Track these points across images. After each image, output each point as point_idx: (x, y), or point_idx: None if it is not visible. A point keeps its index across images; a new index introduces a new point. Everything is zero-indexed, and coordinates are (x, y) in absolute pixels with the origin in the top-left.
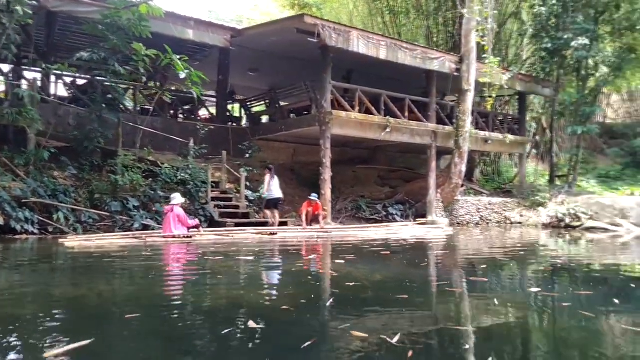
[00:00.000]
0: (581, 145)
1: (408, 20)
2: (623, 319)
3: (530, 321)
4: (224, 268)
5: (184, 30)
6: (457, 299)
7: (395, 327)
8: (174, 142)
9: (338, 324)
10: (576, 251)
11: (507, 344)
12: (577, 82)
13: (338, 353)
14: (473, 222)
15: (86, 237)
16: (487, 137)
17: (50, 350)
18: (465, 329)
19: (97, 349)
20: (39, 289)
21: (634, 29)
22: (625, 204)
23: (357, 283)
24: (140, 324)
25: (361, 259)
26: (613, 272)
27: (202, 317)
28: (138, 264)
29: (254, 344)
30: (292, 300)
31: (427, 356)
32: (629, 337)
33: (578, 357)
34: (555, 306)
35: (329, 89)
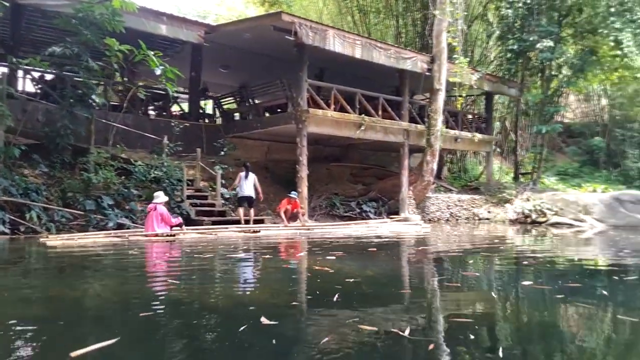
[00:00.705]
0: (545, 143)
1: (378, 19)
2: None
3: (527, 310)
4: (218, 266)
5: (157, 26)
6: (457, 293)
7: (403, 320)
8: (146, 140)
9: (346, 319)
10: (548, 246)
11: (514, 333)
12: (541, 82)
13: (354, 347)
14: (443, 218)
15: (68, 236)
16: (456, 136)
17: (75, 349)
18: (472, 321)
19: (122, 347)
20: (38, 290)
21: (595, 31)
22: (588, 200)
23: (356, 279)
24: (156, 322)
25: (350, 256)
26: (592, 265)
27: (213, 315)
28: (128, 262)
29: (273, 340)
30: (298, 297)
31: (440, 348)
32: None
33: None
34: (552, 297)
35: (305, 87)
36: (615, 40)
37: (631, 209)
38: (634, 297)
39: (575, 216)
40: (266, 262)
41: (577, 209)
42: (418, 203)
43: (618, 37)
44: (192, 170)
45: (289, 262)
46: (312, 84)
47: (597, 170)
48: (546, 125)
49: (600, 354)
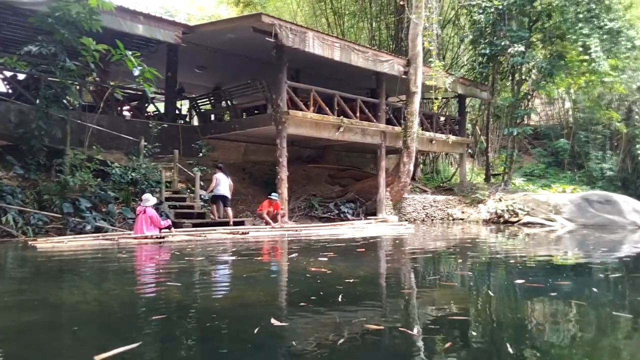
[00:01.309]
0: (515, 145)
1: (352, 22)
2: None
3: (520, 306)
4: (214, 268)
5: (134, 25)
6: (454, 291)
7: (408, 318)
8: (121, 141)
9: (352, 318)
10: (525, 245)
11: (510, 328)
12: (512, 86)
13: (366, 346)
14: (419, 218)
15: (58, 239)
16: (431, 138)
17: (99, 353)
18: (475, 318)
19: (146, 351)
20: (40, 295)
21: (563, 37)
22: (558, 201)
23: (355, 279)
24: (170, 325)
25: (341, 257)
26: (575, 262)
27: (223, 317)
28: (123, 265)
29: (289, 341)
30: (303, 298)
31: (447, 344)
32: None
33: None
34: (544, 293)
35: (284, 89)
36: (583, 46)
37: (599, 209)
38: (613, 290)
39: (546, 216)
40: (261, 263)
41: (548, 209)
42: (395, 204)
43: (586, 43)
44: (169, 171)
45: (283, 263)
46: (291, 85)
47: (562, 172)
48: (517, 127)
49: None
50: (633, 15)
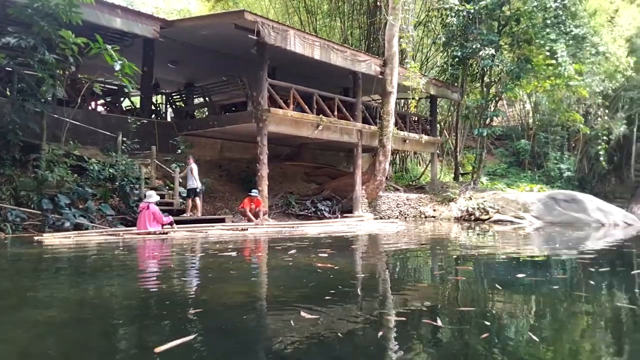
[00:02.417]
0: (484, 146)
1: (325, 20)
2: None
3: (516, 297)
4: (227, 264)
5: (112, 19)
6: (461, 285)
7: (427, 311)
8: (96, 136)
9: (372, 310)
10: (503, 241)
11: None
12: (482, 88)
13: (397, 338)
14: (393, 216)
15: (64, 234)
16: (405, 137)
17: (158, 345)
18: (490, 309)
19: (201, 343)
20: (71, 291)
21: (531, 41)
22: (526, 199)
23: (364, 274)
24: (210, 318)
25: (339, 252)
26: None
27: (254, 310)
28: (138, 261)
29: (327, 331)
30: (324, 292)
31: (465, 336)
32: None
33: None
34: (550, 287)
35: (265, 86)
36: (550, 51)
37: (565, 207)
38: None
39: (515, 214)
40: (268, 259)
41: (517, 207)
42: (370, 202)
43: (553, 48)
44: (145, 168)
45: (289, 259)
46: (271, 83)
47: (522, 171)
48: (487, 128)
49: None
50: (597, 22)
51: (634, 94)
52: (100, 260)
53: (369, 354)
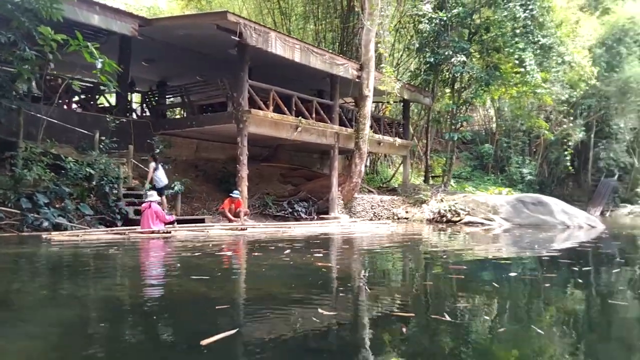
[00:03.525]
0: (454, 149)
1: (298, 23)
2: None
3: (510, 292)
4: (236, 263)
5: (90, 15)
6: (460, 282)
7: (430, 307)
8: (71, 135)
9: (383, 306)
10: (488, 242)
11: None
12: (452, 93)
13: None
14: (367, 217)
15: (71, 232)
16: (380, 140)
17: (204, 338)
18: (489, 303)
19: (243, 336)
20: (93, 289)
21: (499, 49)
22: (496, 202)
23: (371, 273)
24: (237, 314)
25: (333, 252)
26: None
27: (275, 308)
28: (151, 260)
29: (354, 326)
30: (334, 289)
31: (480, 329)
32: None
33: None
34: (542, 283)
35: (246, 87)
36: (519, 59)
37: (533, 210)
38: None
39: (485, 216)
40: (269, 258)
41: (487, 209)
42: (346, 203)
43: (521, 56)
44: (121, 167)
45: (289, 259)
46: (251, 84)
47: (486, 175)
48: (457, 132)
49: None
50: (563, 33)
51: (592, 101)
52: (114, 258)
53: (393, 345)
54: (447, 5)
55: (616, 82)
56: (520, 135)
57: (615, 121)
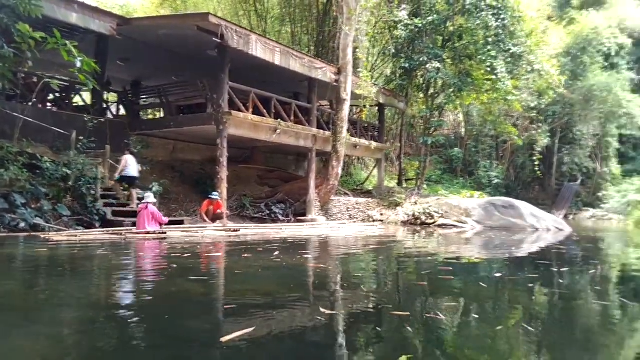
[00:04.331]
0: (428, 153)
1: (275, 25)
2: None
3: (491, 288)
4: (233, 264)
5: (68, 14)
6: (451, 283)
7: (426, 306)
8: (46, 134)
9: (380, 304)
10: (458, 244)
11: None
12: (426, 98)
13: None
14: (343, 219)
15: (69, 233)
16: (356, 143)
17: (224, 335)
18: (472, 301)
19: (260, 333)
20: (104, 288)
21: (472, 57)
22: (468, 205)
23: (365, 274)
24: (247, 313)
25: (320, 254)
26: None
27: (281, 307)
28: (150, 261)
29: (357, 323)
30: (332, 289)
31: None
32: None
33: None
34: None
35: (226, 89)
36: (491, 66)
37: (504, 213)
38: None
39: (458, 218)
40: (261, 260)
41: (460, 212)
42: (323, 205)
43: (493, 64)
44: (99, 168)
45: (281, 260)
46: (231, 86)
47: (455, 178)
48: (431, 137)
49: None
50: (533, 42)
51: (557, 108)
52: (115, 259)
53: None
54: (422, 13)
55: (580, 90)
56: (488, 140)
57: (579, 127)
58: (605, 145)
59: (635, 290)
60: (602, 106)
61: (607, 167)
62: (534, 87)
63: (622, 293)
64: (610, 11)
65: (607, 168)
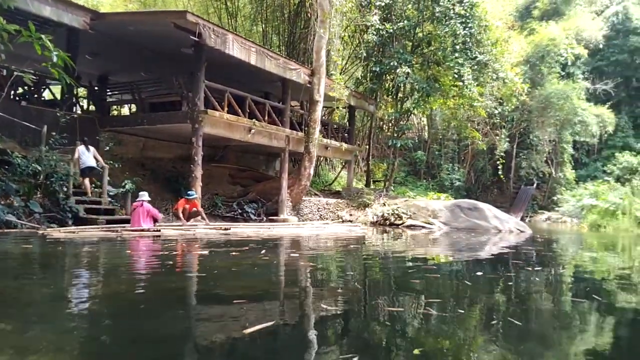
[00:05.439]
0: (396, 155)
1: (246, 25)
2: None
3: (489, 287)
4: (231, 263)
5: (41, 6)
6: (438, 281)
7: (418, 302)
8: (13, 129)
9: (379, 301)
10: (436, 244)
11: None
12: (395, 102)
13: (400, 326)
14: (314, 219)
15: (67, 229)
16: (327, 144)
17: (246, 328)
18: (465, 300)
19: (278, 326)
20: (112, 285)
21: (439, 63)
22: (435, 206)
23: (350, 272)
24: (259, 308)
25: (306, 252)
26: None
27: (291, 301)
28: (154, 258)
29: (353, 318)
30: (329, 286)
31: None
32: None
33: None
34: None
35: (202, 88)
36: (458, 73)
37: (469, 214)
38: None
39: (425, 219)
40: (254, 258)
41: (427, 213)
42: (294, 205)
43: (460, 71)
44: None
45: (271, 259)
46: (207, 85)
47: (419, 180)
48: (400, 139)
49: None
50: (498, 50)
51: (516, 114)
52: (111, 256)
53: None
54: (393, 18)
55: (538, 97)
56: (451, 144)
57: (536, 133)
58: (561, 151)
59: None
60: (559, 113)
61: (562, 172)
62: (498, 94)
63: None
64: (569, 22)
65: (561, 173)
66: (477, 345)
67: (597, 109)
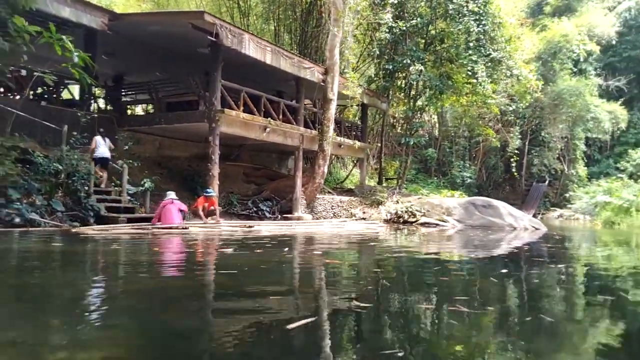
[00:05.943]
0: (410, 153)
1: (258, 23)
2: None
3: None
4: (264, 262)
5: (60, 7)
6: (466, 279)
7: (450, 299)
8: (34, 129)
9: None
10: (452, 242)
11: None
12: (408, 100)
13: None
14: (328, 217)
15: (101, 227)
16: (341, 142)
17: (290, 323)
18: (480, 292)
19: (319, 323)
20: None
21: (452, 60)
22: (449, 204)
23: (381, 270)
24: (295, 304)
25: (329, 250)
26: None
27: (324, 298)
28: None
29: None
30: (357, 284)
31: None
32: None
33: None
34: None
35: (219, 87)
36: (471, 70)
37: (483, 212)
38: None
39: (439, 217)
40: (277, 256)
41: (441, 211)
42: (308, 203)
43: (474, 68)
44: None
45: (293, 257)
46: (224, 84)
47: (429, 178)
48: (413, 137)
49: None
50: (512, 47)
51: (528, 111)
52: (144, 253)
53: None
54: (406, 16)
55: (550, 94)
56: (462, 141)
57: (548, 130)
58: (573, 147)
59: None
60: (571, 110)
61: (574, 169)
62: (512, 91)
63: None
64: (581, 18)
65: (573, 170)
66: (516, 344)
67: (609, 105)
